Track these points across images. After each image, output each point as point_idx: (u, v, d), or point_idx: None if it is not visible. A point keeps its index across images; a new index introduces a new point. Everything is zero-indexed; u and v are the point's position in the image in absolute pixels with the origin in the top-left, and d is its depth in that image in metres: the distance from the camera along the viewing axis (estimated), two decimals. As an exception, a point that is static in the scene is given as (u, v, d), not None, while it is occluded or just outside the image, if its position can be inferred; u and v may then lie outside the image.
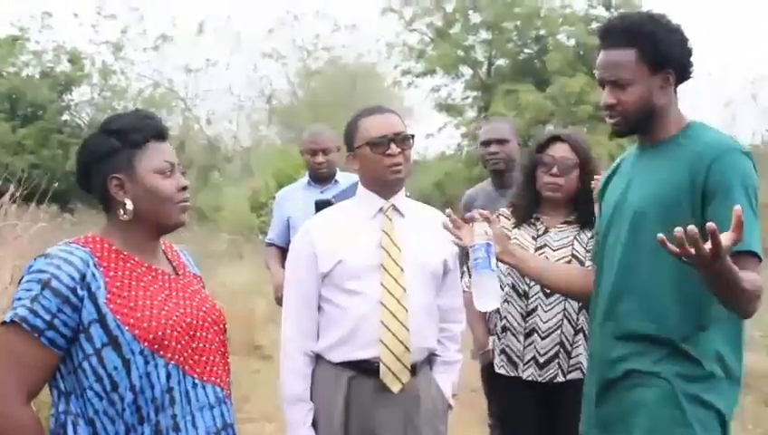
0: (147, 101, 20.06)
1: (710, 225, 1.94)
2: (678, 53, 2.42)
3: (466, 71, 24.76)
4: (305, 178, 4.69)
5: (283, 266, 3.08)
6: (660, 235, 1.98)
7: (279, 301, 4.22)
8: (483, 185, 4.58)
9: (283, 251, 4.54)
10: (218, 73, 39.75)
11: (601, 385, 2.49)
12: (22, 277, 1.99)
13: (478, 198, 4.40)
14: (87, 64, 21.91)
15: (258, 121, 26.75)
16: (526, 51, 24.24)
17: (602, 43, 2.48)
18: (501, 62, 24.51)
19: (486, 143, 4.35)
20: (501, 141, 4.32)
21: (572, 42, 23.32)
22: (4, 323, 1.92)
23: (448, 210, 2.80)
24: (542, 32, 23.81)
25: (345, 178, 4.66)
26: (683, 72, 2.46)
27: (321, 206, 4.07)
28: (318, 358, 2.81)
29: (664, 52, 2.40)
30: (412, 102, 32.14)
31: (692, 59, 2.45)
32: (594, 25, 23.61)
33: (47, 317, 1.91)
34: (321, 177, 4.59)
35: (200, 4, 39.72)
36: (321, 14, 35.37)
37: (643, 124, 2.48)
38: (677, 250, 1.97)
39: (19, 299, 1.93)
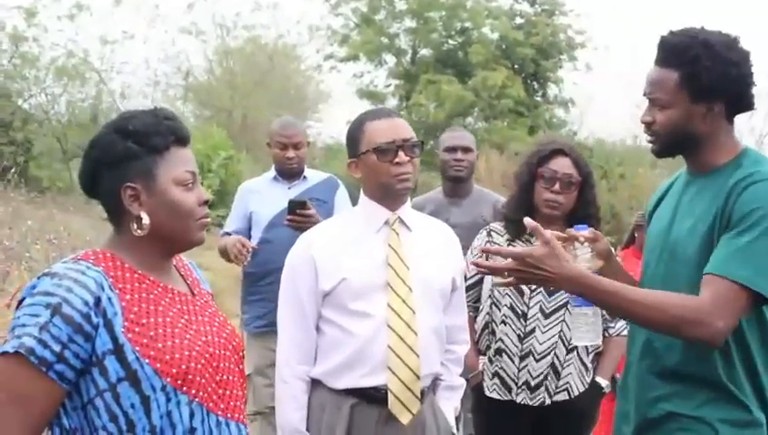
0: (59, 70, 19.13)
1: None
2: (727, 85, 2.20)
3: (390, 59, 24.69)
4: (271, 173, 4.43)
5: None
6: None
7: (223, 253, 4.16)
8: (432, 193, 4.55)
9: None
10: (135, 47, 38.59)
11: (639, 424, 2.33)
12: (22, 298, 1.71)
13: (426, 206, 4.30)
14: (-4, 29, 20.86)
15: (174, 98, 26.01)
16: (450, 42, 24.29)
17: (656, 56, 2.28)
18: (425, 51, 24.48)
19: (452, 150, 4.35)
20: (466, 150, 4.37)
21: (496, 35, 23.45)
22: (5, 353, 1.64)
23: (527, 219, 2.39)
24: (466, 24, 23.86)
25: (313, 174, 4.44)
26: (737, 103, 2.25)
27: (294, 206, 3.83)
28: (314, 382, 2.60)
29: (708, 81, 2.18)
30: (332, 87, 31.92)
31: (751, 90, 2.24)
32: (518, 21, 23.84)
33: (57, 348, 1.64)
34: (289, 172, 4.33)
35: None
36: (241, -9, 34.66)
37: (680, 149, 2.31)
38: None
39: (23, 326, 1.65)
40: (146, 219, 1.80)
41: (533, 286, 3.19)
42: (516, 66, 23.11)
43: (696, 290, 2.16)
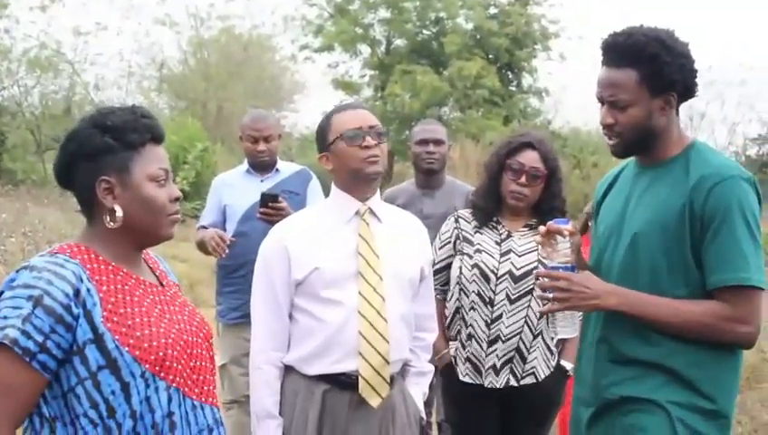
0: (32, 62, 19.09)
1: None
2: (682, 76, 2.36)
3: (365, 49, 24.68)
4: (244, 166, 4.49)
5: None
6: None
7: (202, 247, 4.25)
8: (405, 184, 4.63)
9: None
10: (109, 38, 38.42)
11: (594, 408, 2.45)
12: (1, 292, 1.79)
13: (399, 197, 4.38)
14: (-34, 21, 20.61)
15: (148, 89, 25.92)
16: (425, 32, 24.31)
17: (604, 58, 2.41)
18: (399, 42, 24.50)
19: (424, 142, 4.43)
20: (438, 142, 4.45)
21: (470, 25, 23.50)
22: None
23: (543, 228, 2.53)
24: (441, 14, 23.90)
25: (285, 166, 4.51)
26: (686, 93, 2.41)
27: (267, 199, 3.91)
28: (287, 369, 2.68)
29: (666, 75, 2.33)
30: (307, 77, 31.90)
31: (696, 79, 2.40)
32: (492, 10, 23.91)
33: (39, 339, 1.72)
34: (261, 165, 4.39)
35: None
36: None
37: (642, 146, 2.42)
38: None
39: (5, 318, 1.73)
40: (119, 212, 1.87)
41: (501, 274, 3.29)
42: (491, 56, 23.18)
43: (657, 280, 2.30)
